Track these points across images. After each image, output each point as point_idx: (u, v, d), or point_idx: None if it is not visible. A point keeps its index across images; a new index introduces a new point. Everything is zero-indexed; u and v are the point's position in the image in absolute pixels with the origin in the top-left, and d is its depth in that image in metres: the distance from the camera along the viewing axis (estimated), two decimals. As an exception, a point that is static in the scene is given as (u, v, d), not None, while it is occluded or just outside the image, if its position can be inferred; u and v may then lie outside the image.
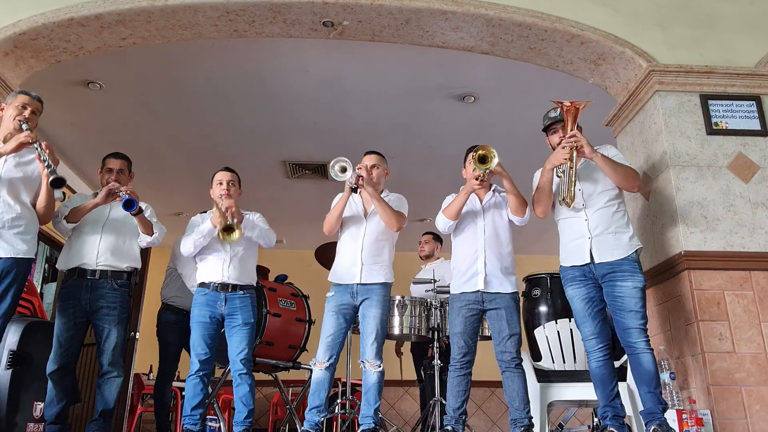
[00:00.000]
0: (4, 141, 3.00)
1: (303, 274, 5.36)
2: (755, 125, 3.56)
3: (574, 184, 2.97)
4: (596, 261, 2.91)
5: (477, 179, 3.14)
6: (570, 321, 3.44)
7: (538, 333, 3.48)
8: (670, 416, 2.86)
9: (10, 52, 3.54)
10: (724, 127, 3.55)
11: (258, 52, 4.28)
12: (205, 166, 5.76)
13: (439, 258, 5.17)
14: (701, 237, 3.30)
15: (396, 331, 4.06)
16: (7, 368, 3.43)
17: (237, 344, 3.39)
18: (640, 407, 2.84)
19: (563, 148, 2.97)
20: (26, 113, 3.05)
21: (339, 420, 4.52)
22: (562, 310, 3.60)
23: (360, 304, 3.29)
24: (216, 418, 4.09)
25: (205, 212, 3.70)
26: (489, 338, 3.23)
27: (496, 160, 3.04)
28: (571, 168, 2.95)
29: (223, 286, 3.43)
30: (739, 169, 3.47)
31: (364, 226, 3.38)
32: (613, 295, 2.86)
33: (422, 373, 4.75)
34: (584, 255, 2.95)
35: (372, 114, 5.07)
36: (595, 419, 3.71)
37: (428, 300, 4.10)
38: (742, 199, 3.40)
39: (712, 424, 2.97)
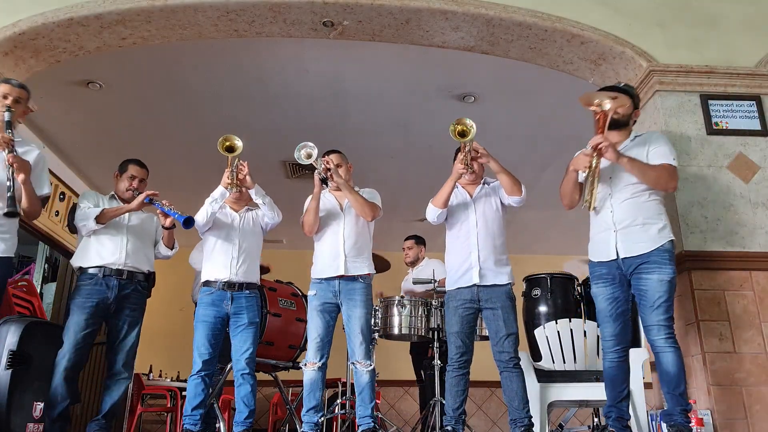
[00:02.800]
0: None
1: (303, 274, 5.35)
2: (755, 125, 3.56)
3: (595, 189, 2.84)
4: (621, 256, 2.78)
5: (462, 164, 3.14)
6: (570, 321, 3.45)
7: (538, 333, 3.48)
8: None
9: (9, 52, 3.54)
10: (724, 127, 3.55)
11: (258, 52, 4.28)
12: (205, 166, 5.76)
13: (424, 258, 5.16)
14: (701, 237, 3.30)
15: (396, 331, 4.06)
16: (7, 368, 3.43)
17: (241, 344, 3.39)
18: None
19: (586, 155, 2.83)
20: (8, 102, 2.95)
21: (339, 420, 4.52)
22: (562, 310, 3.61)
23: (343, 304, 3.30)
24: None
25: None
26: (487, 338, 3.22)
27: (474, 130, 3.04)
28: (592, 174, 2.82)
29: (230, 285, 3.43)
30: (739, 169, 3.47)
31: (343, 220, 3.43)
32: (638, 289, 2.75)
33: (422, 373, 4.75)
34: (609, 250, 2.82)
35: (372, 114, 5.06)
36: (596, 419, 3.71)
37: (428, 300, 4.10)
38: (742, 199, 3.40)
39: (712, 424, 2.97)
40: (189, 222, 3.24)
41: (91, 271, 3.32)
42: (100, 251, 3.34)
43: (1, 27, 3.45)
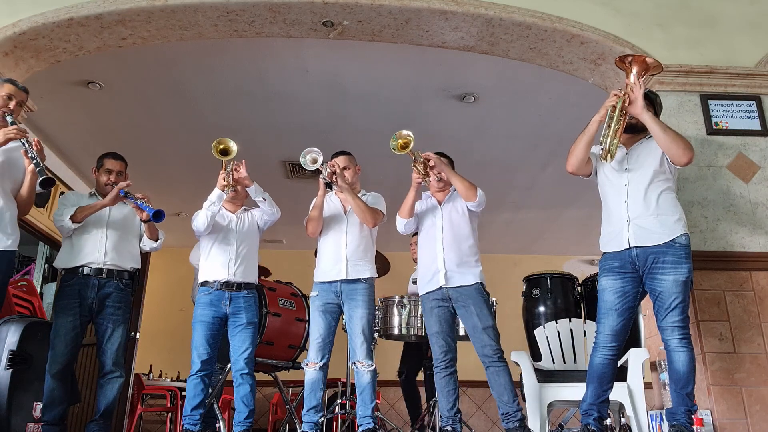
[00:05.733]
0: None
1: (303, 274, 5.36)
2: (755, 125, 3.56)
3: (612, 135, 2.75)
4: (632, 244, 2.71)
5: (417, 173, 3.24)
6: (570, 321, 3.45)
7: (538, 333, 3.48)
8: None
9: (10, 52, 3.54)
10: (724, 127, 3.55)
11: (258, 52, 4.28)
12: (204, 167, 5.76)
13: None
14: (701, 237, 3.30)
15: (396, 331, 4.06)
16: (7, 368, 3.43)
17: (240, 344, 3.39)
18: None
19: (615, 94, 2.77)
20: (12, 104, 2.98)
21: (339, 420, 4.52)
22: (562, 310, 3.61)
23: (344, 304, 3.31)
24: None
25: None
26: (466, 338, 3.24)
27: (413, 139, 3.15)
28: (612, 118, 2.74)
29: (228, 285, 3.43)
30: (739, 169, 3.47)
31: (346, 224, 3.44)
32: (653, 289, 2.70)
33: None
34: (622, 240, 2.75)
35: (372, 114, 5.07)
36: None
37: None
38: (742, 199, 3.40)
39: (712, 424, 2.97)
40: (159, 215, 3.20)
41: (69, 271, 3.28)
42: (79, 251, 3.28)
43: (1, 27, 3.45)
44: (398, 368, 4.79)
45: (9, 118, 2.94)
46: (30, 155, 2.90)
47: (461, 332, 3.72)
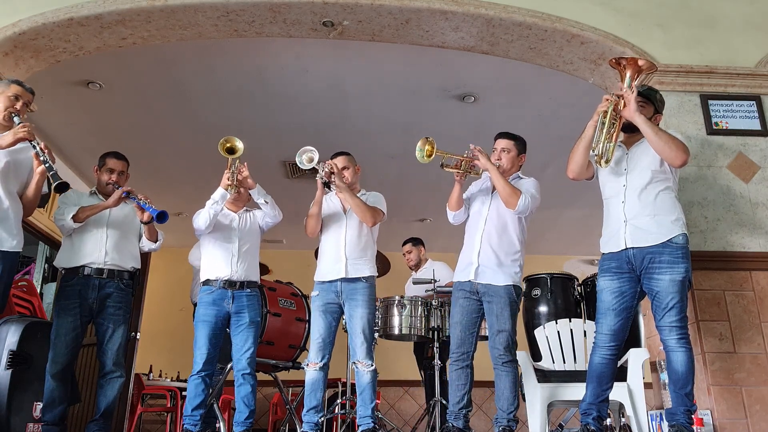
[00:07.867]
0: None
1: (303, 274, 5.37)
2: (755, 125, 3.56)
3: (606, 140, 2.76)
4: (629, 245, 2.71)
5: (455, 172, 3.23)
6: (570, 321, 3.45)
7: (538, 333, 3.48)
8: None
9: (10, 52, 3.54)
10: (724, 127, 3.55)
11: (258, 52, 4.28)
12: (204, 167, 5.77)
13: (427, 260, 5.16)
14: (701, 237, 3.30)
15: (396, 331, 4.06)
16: (7, 368, 3.43)
17: (242, 343, 3.38)
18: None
19: (607, 99, 2.77)
20: (18, 105, 2.98)
21: (339, 420, 4.52)
22: (562, 310, 3.61)
23: (345, 304, 3.30)
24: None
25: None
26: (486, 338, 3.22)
27: (433, 154, 3.19)
28: (603, 123, 2.74)
29: (230, 284, 3.42)
30: (739, 169, 3.47)
31: (345, 223, 3.43)
32: (650, 289, 2.69)
33: (422, 373, 4.75)
34: (619, 241, 2.75)
35: (372, 114, 5.06)
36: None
37: (428, 300, 4.10)
38: (742, 199, 3.40)
39: (712, 424, 2.97)
40: (162, 216, 3.18)
41: (69, 270, 3.27)
42: (79, 250, 3.27)
43: (1, 27, 3.45)
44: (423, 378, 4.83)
45: (16, 119, 2.94)
46: (42, 158, 2.90)
47: (484, 333, 3.68)
